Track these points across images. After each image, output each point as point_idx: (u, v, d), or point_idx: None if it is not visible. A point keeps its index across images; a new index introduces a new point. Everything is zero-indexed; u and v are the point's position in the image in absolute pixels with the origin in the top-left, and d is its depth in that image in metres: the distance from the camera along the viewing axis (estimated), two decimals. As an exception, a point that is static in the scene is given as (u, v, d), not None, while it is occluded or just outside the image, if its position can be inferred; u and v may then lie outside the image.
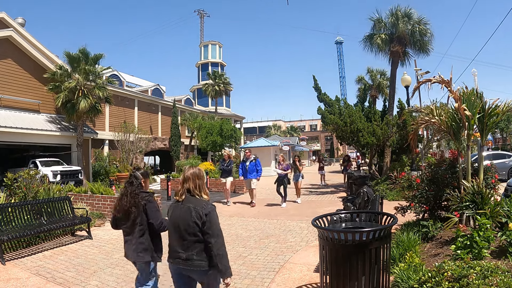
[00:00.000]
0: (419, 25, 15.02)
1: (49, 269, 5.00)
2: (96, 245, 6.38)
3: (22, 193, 7.58)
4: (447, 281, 2.71)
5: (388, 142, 14.36)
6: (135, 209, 3.10)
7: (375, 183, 13.12)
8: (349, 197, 5.66)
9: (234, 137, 26.75)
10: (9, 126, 14.00)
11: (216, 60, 43.20)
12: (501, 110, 5.23)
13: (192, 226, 2.55)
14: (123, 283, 4.44)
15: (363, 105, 16.00)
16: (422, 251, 4.47)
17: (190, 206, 2.60)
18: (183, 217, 2.60)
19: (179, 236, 2.62)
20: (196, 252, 2.56)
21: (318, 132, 70.98)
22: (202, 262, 2.56)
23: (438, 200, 5.69)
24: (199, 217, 2.54)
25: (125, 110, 24.14)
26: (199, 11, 59.65)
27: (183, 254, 2.59)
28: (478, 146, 7.29)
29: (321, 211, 7.11)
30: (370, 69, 27.85)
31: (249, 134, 62.82)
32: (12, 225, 6.00)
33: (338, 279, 3.03)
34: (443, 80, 5.58)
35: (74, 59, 15.89)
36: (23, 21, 19.46)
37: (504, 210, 4.46)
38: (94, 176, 18.08)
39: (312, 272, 4.56)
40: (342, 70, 76.79)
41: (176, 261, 2.65)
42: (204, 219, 2.53)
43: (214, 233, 2.53)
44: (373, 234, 2.95)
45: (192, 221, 2.54)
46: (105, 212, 8.51)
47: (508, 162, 15.42)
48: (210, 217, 2.55)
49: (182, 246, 2.60)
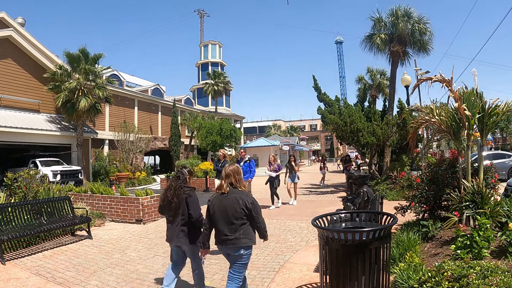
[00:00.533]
0: (419, 24, 14.99)
1: (49, 269, 5.00)
2: (96, 245, 6.38)
3: (22, 193, 7.58)
4: (447, 281, 2.71)
5: (388, 142, 14.36)
6: (177, 200, 3.60)
7: (375, 183, 13.11)
8: (349, 197, 5.66)
9: (234, 137, 26.77)
10: (9, 126, 14.00)
11: (216, 60, 43.20)
12: (501, 110, 5.23)
13: (240, 212, 3.16)
14: (123, 283, 4.44)
15: (363, 105, 15.99)
16: (422, 251, 4.47)
17: (236, 196, 3.21)
18: (231, 205, 3.18)
19: (227, 221, 3.19)
20: (242, 232, 3.17)
21: (318, 132, 70.98)
22: (246, 239, 3.19)
23: (438, 200, 5.69)
24: (245, 205, 3.17)
25: (125, 110, 24.14)
26: (199, 11, 59.72)
27: (231, 236, 3.16)
28: (478, 146, 7.29)
29: (321, 211, 7.11)
30: (370, 69, 27.82)
31: (249, 134, 62.82)
32: (12, 225, 6.00)
33: (338, 279, 3.03)
34: (443, 79, 5.57)
35: (74, 58, 15.90)
36: (23, 21, 19.46)
37: (504, 210, 4.46)
38: (94, 176, 18.09)
39: (312, 272, 4.56)
40: (342, 70, 76.83)
41: (224, 242, 3.21)
42: (250, 207, 3.18)
43: (259, 215, 3.26)
44: (373, 234, 2.95)
45: (240, 208, 3.16)
46: (105, 212, 8.52)
47: (508, 162, 15.42)
48: (254, 205, 3.24)
49: (229, 229, 3.17)
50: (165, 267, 4.97)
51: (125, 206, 8.29)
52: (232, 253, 3.22)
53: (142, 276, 4.65)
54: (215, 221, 3.25)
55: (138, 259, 5.45)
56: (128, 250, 5.96)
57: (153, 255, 5.65)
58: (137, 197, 8.16)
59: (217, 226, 3.24)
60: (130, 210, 8.21)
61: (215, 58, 43.41)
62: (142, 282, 4.45)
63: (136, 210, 8.12)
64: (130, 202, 8.23)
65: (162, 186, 16.71)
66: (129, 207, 8.23)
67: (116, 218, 8.39)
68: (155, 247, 6.11)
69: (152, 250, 5.92)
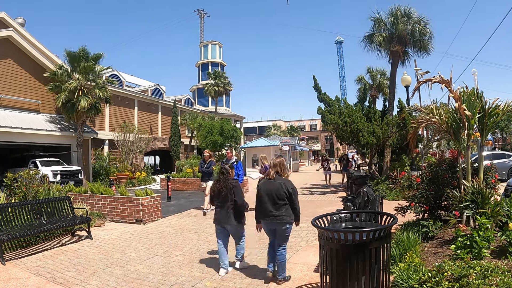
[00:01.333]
0: (419, 24, 15.00)
1: (49, 269, 5.00)
2: (96, 245, 6.38)
3: (22, 193, 7.58)
4: (447, 281, 2.71)
5: (388, 142, 14.36)
6: (225, 190, 4.58)
7: (375, 183, 13.11)
8: (349, 197, 5.66)
9: (235, 137, 26.75)
10: (9, 126, 14.00)
11: (216, 60, 43.20)
12: (501, 110, 5.23)
13: (282, 194, 4.08)
14: (123, 283, 4.43)
15: (363, 105, 15.98)
16: (422, 251, 4.47)
17: (280, 182, 4.16)
18: (276, 188, 4.11)
19: (272, 201, 4.11)
20: (284, 211, 4.10)
21: (318, 132, 70.96)
22: (287, 217, 4.11)
23: (438, 200, 5.68)
24: (287, 189, 4.10)
25: (125, 110, 24.13)
26: (199, 11, 59.67)
27: (275, 213, 4.09)
28: (478, 146, 7.29)
29: (321, 211, 7.11)
30: (370, 69, 27.81)
31: (249, 134, 62.80)
32: (12, 225, 6.00)
33: (338, 279, 3.03)
34: (443, 80, 5.58)
35: (75, 57, 15.90)
36: (23, 21, 19.46)
37: (504, 210, 4.46)
38: (94, 176, 18.09)
39: (312, 272, 4.56)
40: (342, 70, 76.70)
41: (270, 218, 4.13)
42: (291, 191, 4.11)
43: (296, 199, 4.17)
44: (373, 234, 2.95)
45: (283, 191, 4.09)
46: (105, 212, 8.52)
47: (508, 162, 15.43)
48: (294, 190, 4.17)
49: (274, 207, 4.10)
50: (165, 267, 4.97)
51: (125, 206, 8.29)
52: (279, 228, 4.15)
53: (142, 276, 4.65)
54: (263, 201, 4.17)
55: (138, 259, 5.45)
56: (128, 250, 5.96)
57: (153, 255, 5.65)
58: (137, 197, 8.16)
59: (264, 205, 4.15)
60: (130, 210, 8.21)
61: (215, 58, 43.40)
62: (142, 282, 4.45)
63: (136, 210, 8.12)
64: (130, 202, 8.23)
65: (162, 186, 16.70)
66: (129, 207, 8.23)
67: (116, 218, 8.39)
68: (155, 247, 6.11)
69: (152, 250, 5.92)
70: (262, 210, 4.17)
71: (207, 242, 6.38)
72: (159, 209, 8.65)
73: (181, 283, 4.36)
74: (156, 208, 8.54)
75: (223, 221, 4.58)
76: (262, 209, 4.18)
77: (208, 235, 6.94)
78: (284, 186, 4.10)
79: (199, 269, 4.88)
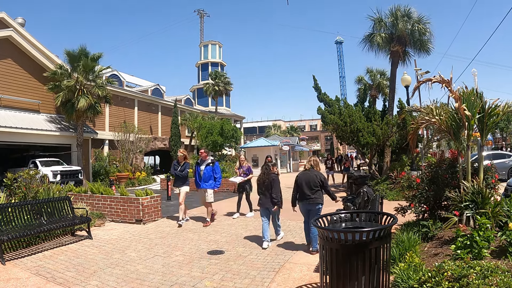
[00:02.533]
0: (418, 24, 14.99)
1: (49, 269, 4.99)
2: (96, 245, 6.38)
3: (22, 193, 7.57)
4: (447, 281, 2.71)
5: (388, 142, 14.36)
6: (268, 181, 5.99)
7: (375, 183, 13.11)
8: (349, 197, 5.67)
9: (235, 137, 26.76)
10: (9, 126, 14.01)
11: (216, 60, 43.22)
12: (501, 110, 5.24)
13: (317, 182, 5.44)
14: (123, 283, 4.43)
15: (363, 105, 15.98)
16: (422, 251, 4.47)
17: (315, 173, 5.54)
18: (312, 178, 5.47)
19: (309, 187, 5.43)
20: (318, 194, 5.45)
21: (318, 132, 70.96)
22: (320, 199, 5.48)
23: (438, 200, 5.68)
24: (320, 178, 5.49)
25: (125, 110, 24.14)
26: (199, 11, 59.71)
27: (311, 196, 5.42)
28: (478, 146, 7.28)
29: (321, 211, 7.09)
30: (370, 69, 27.79)
31: (249, 134, 62.80)
32: (12, 225, 5.99)
33: (338, 279, 3.03)
34: (443, 80, 5.58)
35: (75, 57, 15.90)
36: (23, 21, 19.47)
37: (504, 210, 4.47)
38: (94, 176, 18.09)
39: (312, 272, 4.56)
40: (342, 70, 76.69)
41: (307, 200, 5.45)
42: (323, 180, 5.52)
43: (327, 185, 5.62)
44: (373, 234, 2.94)
45: (317, 180, 5.45)
46: (105, 212, 8.52)
47: (508, 162, 15.42)
48: (324, 179, 5.58)
49: (310, 192, 5.43)
50: (165, 267, 4.97)
51: (125, 206, 8.29)
52: (313, 208, 5.42)
53: (142, 276, 4.65)
54: (302, 188, 5.47)
55: (138, 259, 5.45)
56: (128, 250, 5.96)
57: (153, 255, 5.65)
58: (137, 197, 8.16)
59: (303, 190, 5.46)
60: (130, 210, 8.20)
61: (215, 58, 43.43)
62: (142, 282, 4.45)
63: (136, 210, 8.12)
64: (130, 202, 8.23)
65: (162, 186, 16.69)
66: (129, 207, 8.23)
67: (116, 218, 8.39)
68: (155, 247, 6.11)
69: (152, 250, 5.92)
70: (301, 195, 5.50)
71: (207, 242, 6.38)
72: (159, 209, 8.65)
73: (181, 283, 4.36)
74: (156, 208, 8.54)
75: (266, 204, 5.97)
76: (301, 193, 5.50)
77: (208, 235, 6.94)
78: (318, 176, 5.47)
79: (199, 269, 4.88)
